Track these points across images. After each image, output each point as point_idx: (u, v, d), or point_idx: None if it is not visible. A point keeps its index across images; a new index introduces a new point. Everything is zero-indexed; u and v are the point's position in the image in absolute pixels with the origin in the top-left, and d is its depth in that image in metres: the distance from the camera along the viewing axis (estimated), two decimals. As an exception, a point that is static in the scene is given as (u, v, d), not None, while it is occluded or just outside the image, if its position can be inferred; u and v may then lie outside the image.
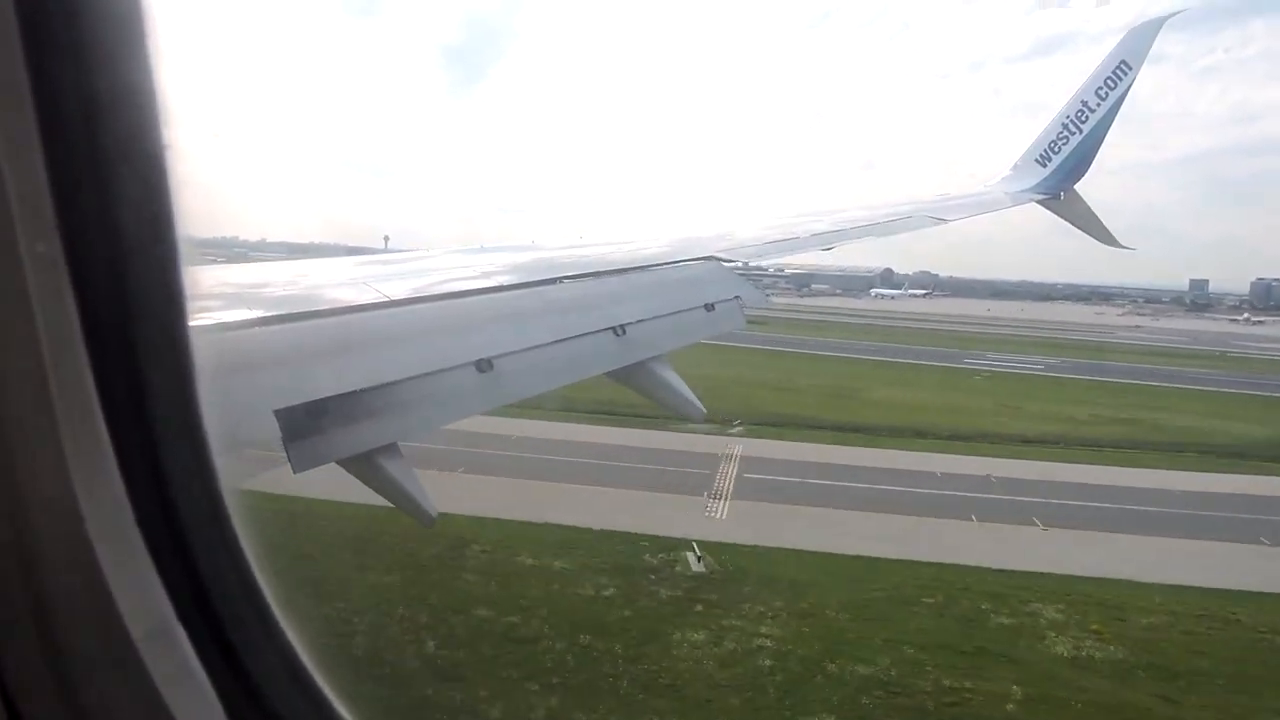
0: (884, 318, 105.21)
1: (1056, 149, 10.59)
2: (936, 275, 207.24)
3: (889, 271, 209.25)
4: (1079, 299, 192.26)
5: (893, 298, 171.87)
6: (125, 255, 1.21)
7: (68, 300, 1.11)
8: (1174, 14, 11.62)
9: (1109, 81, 10.50)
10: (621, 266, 5.37)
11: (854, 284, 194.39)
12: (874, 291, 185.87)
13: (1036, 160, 10.67)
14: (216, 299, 3.37)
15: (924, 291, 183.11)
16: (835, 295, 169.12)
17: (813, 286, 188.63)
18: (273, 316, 3.29)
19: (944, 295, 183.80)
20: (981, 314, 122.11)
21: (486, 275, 4.61)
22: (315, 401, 2.93)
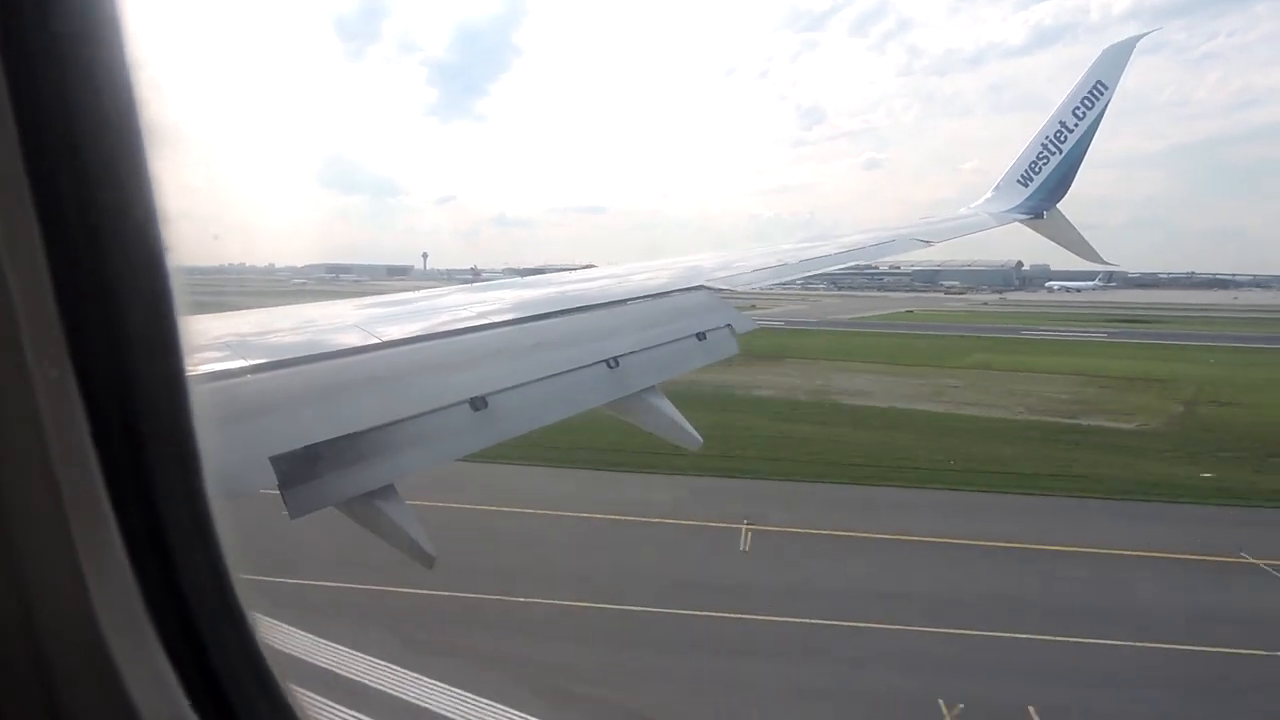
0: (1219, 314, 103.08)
1: (1037, 169, 10.78)
2: (1049, 266, 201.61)
3: (1020, 264, 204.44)
4: (1216, 286, 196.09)
5: (1079, 290, 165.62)
6: (132, 361, 1.24)
7: (78, 413, 1.14)
8: (1147, 34, 11.91)
9: (1085, 101, 10.73)
10: (614, 299, 5.42)
11: (987, 279, 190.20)
12: (1053, 285, 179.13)
13: (1018, 181, 10.86)
14: (216, 349, 3.38)
15: (1102, 284, 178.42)
16: (983, 291, 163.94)
17: (943, 283, 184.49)
18: (266, 363, 3.30)
19: (1117, 287, 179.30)
20: (1233, 303, 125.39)
21: (481, 315, 4.64)
22: (310, 446, 2.94)
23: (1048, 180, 10.77)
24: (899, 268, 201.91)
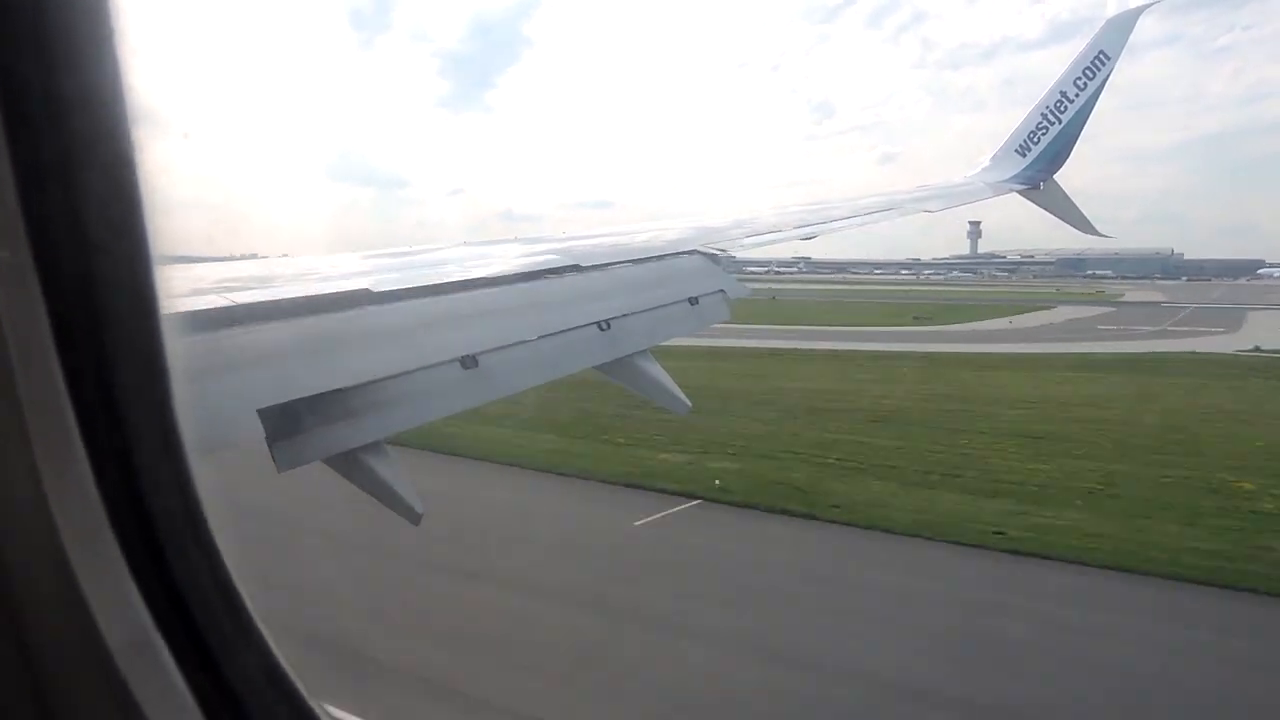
0: None
1: (1036, 139, 10.69)
2: (1183, 255, 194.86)
3: (1171, 251, 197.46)
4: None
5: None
6: (94, 258, 1.18)
7: (37, 306, 1.09)
8: (1151, 4, 11.72)
9: (1087, 72, 10.60)
10: (612, 260, 5.36)
11: (1139, 267, 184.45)
12: (1271, 272, 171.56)
13: (1016, 151, 10.77)
14: (205, 295, 3.31)
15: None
16: (1166, 282, 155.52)
17: (1094, 273, 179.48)
18: (258, 314, 3.23)
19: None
20: None
21: (478, 272, 4.57)
22: (299, 400, 2.90)
23: (1046, 151, 10.68)
24: (1033, 256, 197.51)
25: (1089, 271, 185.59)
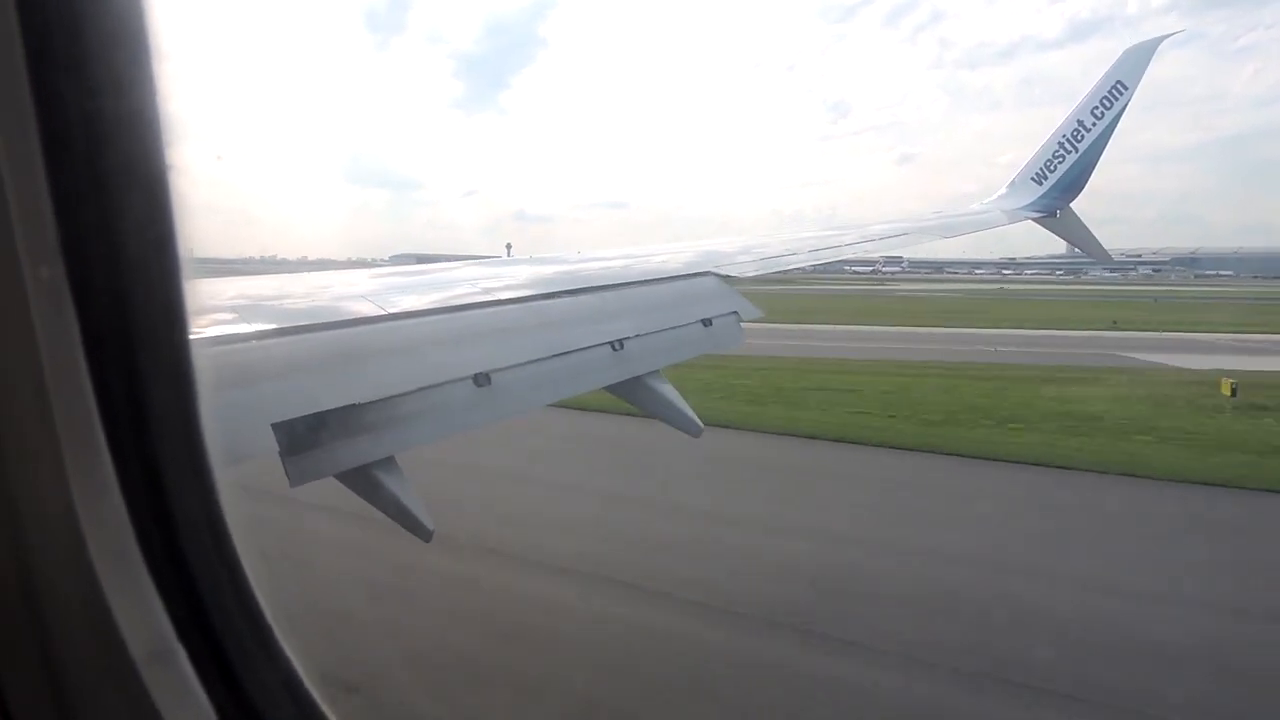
0: None
1: (1052, 168, 10.71)
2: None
3: None
4: None
5: None
6: (128, 276, 1.21)
7: (70, 322, 1.12)
8: (1170, 35, 11.74)
9: (1105, 101, 10.62)
10: (624, 281, 5.42)
11: (1265, 267, 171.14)
12: None
13: (1033, 179, 10.79)
14: (223, 311, 3.40)
15: None
16: None
17: (1211, 273, 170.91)
18: (272, 330, 3.32)
19: None
20: None
21: (492, 291, 4.65)
22: (313, 415, 2.96)
23: (1062, 179, 10.70)
24: (1139, 255, 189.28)
25: (1212, 272, 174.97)
